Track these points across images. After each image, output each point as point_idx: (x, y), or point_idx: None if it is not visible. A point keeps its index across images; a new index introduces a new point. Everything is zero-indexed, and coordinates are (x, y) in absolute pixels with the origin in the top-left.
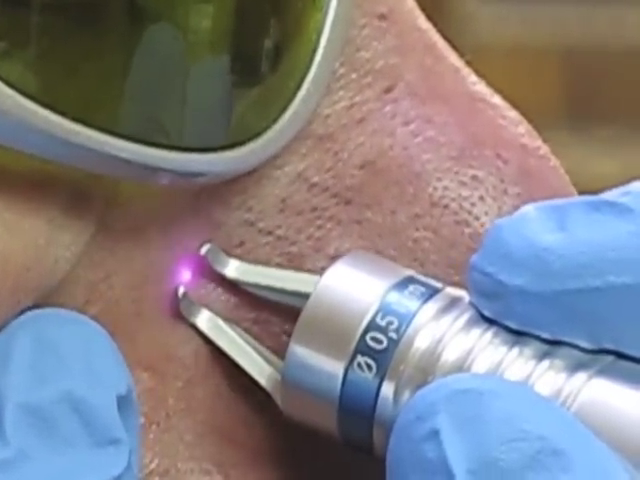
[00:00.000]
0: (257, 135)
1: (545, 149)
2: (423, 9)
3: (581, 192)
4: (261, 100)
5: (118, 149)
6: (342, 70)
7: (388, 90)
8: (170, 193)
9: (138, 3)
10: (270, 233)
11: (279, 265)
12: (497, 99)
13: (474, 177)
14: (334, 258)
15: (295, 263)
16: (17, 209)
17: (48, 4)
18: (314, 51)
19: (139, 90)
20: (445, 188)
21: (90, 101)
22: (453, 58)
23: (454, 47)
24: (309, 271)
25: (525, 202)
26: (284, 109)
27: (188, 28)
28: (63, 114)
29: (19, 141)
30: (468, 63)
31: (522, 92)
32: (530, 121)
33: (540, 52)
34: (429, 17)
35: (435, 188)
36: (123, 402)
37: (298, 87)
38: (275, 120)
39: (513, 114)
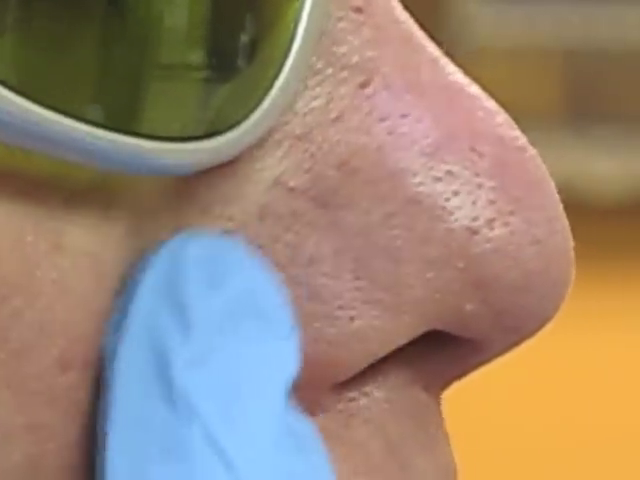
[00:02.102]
0: (235, 125)
1: (523, 139)
2: (423, 10)
3: (581, 192)
4: (238, 90)
5: (93, 137)
6: (319, 65)
7: (364, 85)
8: (154, 195)
9: None
10: (250, 243)
11: None
12: (475, 88)
13: (448, 172)
14: (309, 264)
15: (273, 271)
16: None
17: None
18: (291, 40)
19: (113, 79)
20: (419, 184)
21: (64, 89)
22: (431, 48)
23: (454, 48)
24: (285, 280)
25: (500, 195)
26: (262, 99)
27: (163, 19)
28: (40, 102)
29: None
30: (461, 66)
31: (523, 93)
32: (531, 121)
33: (541, 53)
34: (429, 18)
35: (409, 185)
36: None
37: (276, 77)
38: (253, 110)
39: (491, 104)
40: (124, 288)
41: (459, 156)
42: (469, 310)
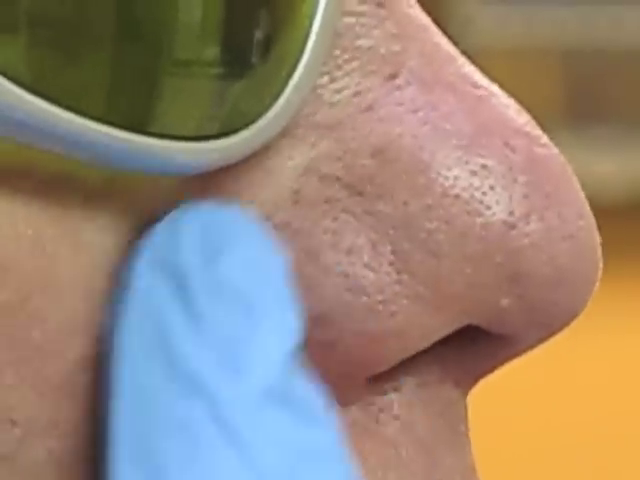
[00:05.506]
0: (249, 123)
1: (545, 138)
2: (424, 10)
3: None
4: (252, 89)
5: (108, 137)
6: (345, 57)
7: (392, 77)
8: (174, 190)
9: None
10: (287, 227)
11: (296, 261)
12: (496, 87)
13: (484, 166)
14: (349, 252)
15: (312, 258)
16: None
17: None
18: (306, 38)
19: (127, 79)
20: (456, 178)
21: (78, 89)
22: (448, 46)
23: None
24: (324, 267)
25: (533, 190)
26: (277, 97)
27: (178, 16)
28: (56, 102)
29: (13, 132)
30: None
31: (522, 93)
32: None
33: (540, 53)
34: (429, 18)
35: (446, 178)
36: None
37: (291, 74)
38: (267, 108)
39: (512, 103)
40: (125, 264)
41: (493, 150)
42: (505, 305)
